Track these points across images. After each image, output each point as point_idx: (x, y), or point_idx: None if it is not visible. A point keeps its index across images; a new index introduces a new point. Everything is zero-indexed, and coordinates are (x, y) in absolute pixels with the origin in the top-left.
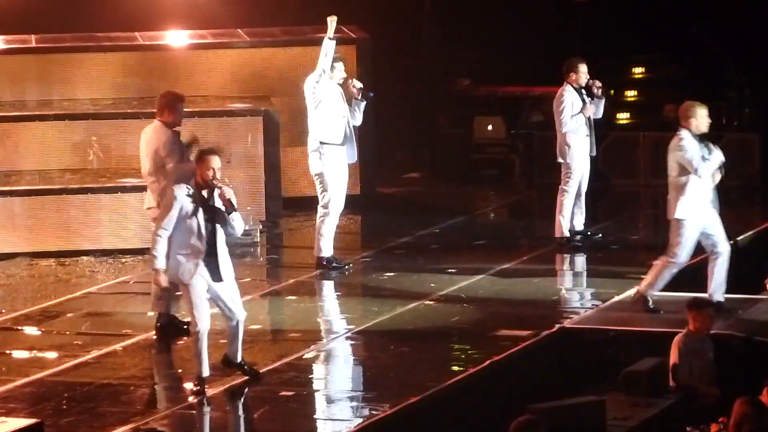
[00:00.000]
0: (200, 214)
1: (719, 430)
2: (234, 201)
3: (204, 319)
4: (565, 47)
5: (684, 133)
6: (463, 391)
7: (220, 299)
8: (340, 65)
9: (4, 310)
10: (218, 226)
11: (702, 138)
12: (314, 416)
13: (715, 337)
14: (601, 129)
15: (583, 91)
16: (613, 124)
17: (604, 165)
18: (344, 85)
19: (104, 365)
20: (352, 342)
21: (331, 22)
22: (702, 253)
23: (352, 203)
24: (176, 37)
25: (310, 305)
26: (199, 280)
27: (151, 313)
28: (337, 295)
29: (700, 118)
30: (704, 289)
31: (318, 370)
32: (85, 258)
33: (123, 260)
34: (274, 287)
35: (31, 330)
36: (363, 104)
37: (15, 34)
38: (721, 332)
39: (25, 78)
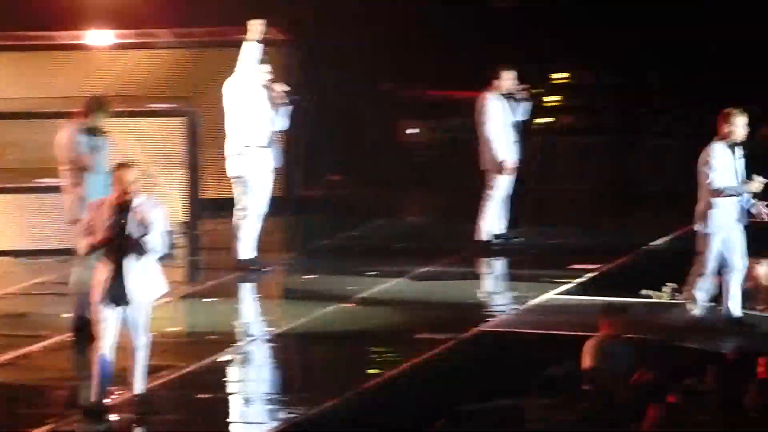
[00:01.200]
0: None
1: None
2: (149, 220)
3: (106, 346)
4: (488, 52)
5: (715, 145)
6: (381, 394)
7: (126, 322)
8: (265, 67)
9: None
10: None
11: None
12: (230, 420)
13: (631, 342)
14: (522, 134)
15: (508, 97)
16: (532, 129)
17: (523, 169)
18: (269, 88)
19: (20, 367)
20: (271, 345)
21: (255, 25)
22: (622, 255)
23: (274, 205)
24: (99, 37)
25: (228, 308)
26: (107, 304)
27: (66, 315)
28: (257, 297)
29: (736, 126)
30: (625, 294)
31: (235, 373)
32: (2, 258)
33: (40, 261)
34: (193, 289)
35: None
36: (288, 109)
37: None
38: (637, 336)
39: None
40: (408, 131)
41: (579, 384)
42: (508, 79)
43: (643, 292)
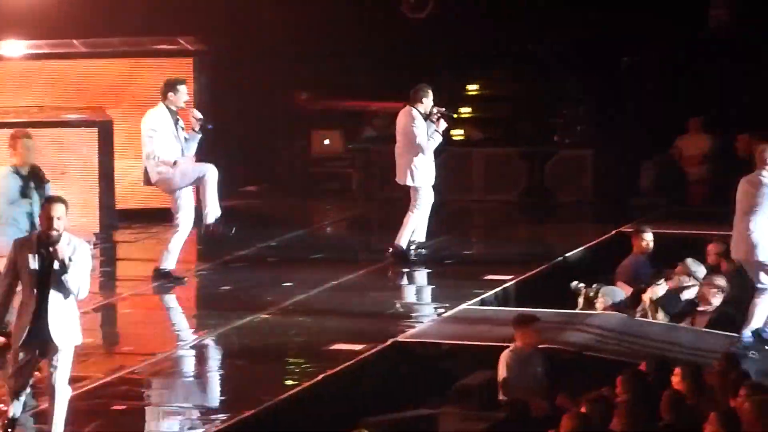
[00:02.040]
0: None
1: None
2: (69, 260)
3: (17, 388)
4: (403, 63)
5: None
6: (297, 405)
7: (47, 367)
8: (183, 88)
9: None
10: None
11: None
12: (146, 431)
13: (545, 351)
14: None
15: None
16: (447, 139)
17: (439, 180)
18: (185, 110)
19: None
20: (187, 356)
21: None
22: (537, 265)
23: None
24: (11, 47)
25: (144, 318)
26: (24, 346)
27: None
28: (172, 308)
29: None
30: (540, 304)
31: (151, 384)
32: None
33: None
34: (108, 300)
35: None
36: (199, 136)
37: None
38: (550, 346)
39: None
40: (323, 142)
41: (493, 394)
42: (430, 99)
43: (573, 284)
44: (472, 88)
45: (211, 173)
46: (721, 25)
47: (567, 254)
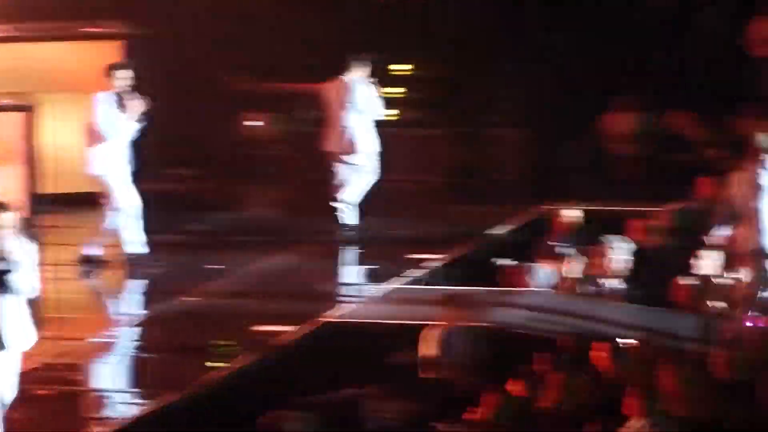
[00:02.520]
0: None
1: (469, 420)
2: (13, 259)
3: None
4: (337, 43)
5: None
6: (226, 387)
7: None
8: (123, 72)
9: None
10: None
11: None
12: (74, 415)
13: (471, 329)
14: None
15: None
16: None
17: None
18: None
19: None
20: (111, 340)
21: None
22: (463, 244)
23: None
24: None
25: (70, 304)
26: None
27: None
28: (98, 292)
29: None
30: (466, 282)
31: (77, 368)
32: None
33: None
34: None
35: None
36: (135, 126)
37: None
38: (476, 324)
39: None
40: (249, 124)
41: (418, 373)
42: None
43: (499, 261)
44: (398, 69)
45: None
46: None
47: (493, 231)
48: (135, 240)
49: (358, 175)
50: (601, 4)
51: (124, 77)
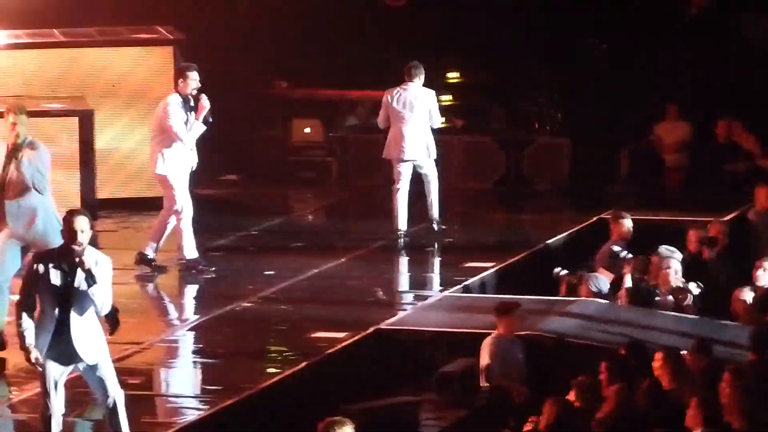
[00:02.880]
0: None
1: (530, 431)
2: (95, 273)
3: (54, 406)
4: (381, 51)
5: None
6: (279, 393)
7: (88, 381)
8: (194, 74)
9: None
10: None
11: None
12: (133, 418)
13: (526, 338)
14: None
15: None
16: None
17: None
18: (195, 97)
19: None
20: (170, 345)
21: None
22: (517, 252)
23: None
24: None
25: (127, 307)
26: (51, 363)
27: None
28: (154, 297)
29: None
30: (515, 292)
31: (137, 372)
32: None
33: None
34: None
35: None
36: (201, 128)
37: None
38: (532, 333)
39: None
40: (303, 130)
41: (474, 381)
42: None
43: (556, 270)
44: (452, 77)
45: (187, 211)
46: (699, 11)
47: (548, 241)
48: (190, 244)
49: (428, 180)
50: (647, 12)
51: (194, 79)
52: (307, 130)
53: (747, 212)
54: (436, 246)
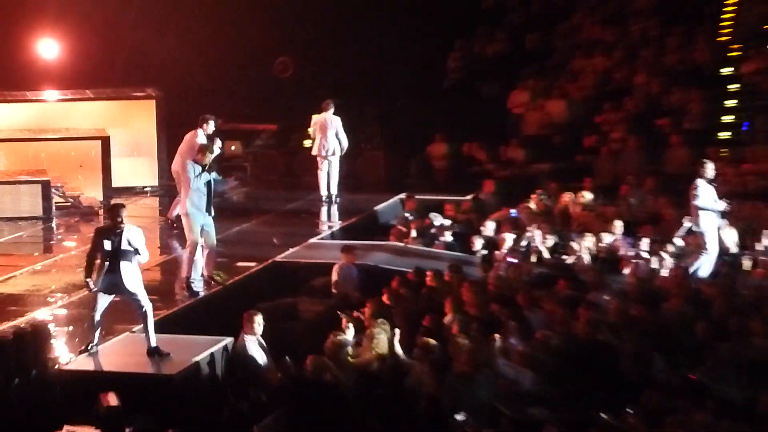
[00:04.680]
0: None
1: (359, 317)
2: (134, 242)
3: (97, 320)
4: (279, 101)
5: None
6: (220, 297)
7: (129, 301)
8: (212, 122)
9: None
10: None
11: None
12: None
13: (359, 266)
14: None
15: None
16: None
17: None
18: (210, 136)
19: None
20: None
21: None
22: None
23: None
24: (49, 94)
25: None
26: (101, 294)
27: None
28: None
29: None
30: (354, 239)
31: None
32: None
33: None
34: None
35: None
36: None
37: None
38: (361, 263)
39: None
40: (231, 147)
41: (328, 290)
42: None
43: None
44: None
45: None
46: (454, 76)
47: (375, 208)
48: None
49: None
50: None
51: (212, 124)
52: (233, 147)
53: (478, 194)
54: (324, 210)
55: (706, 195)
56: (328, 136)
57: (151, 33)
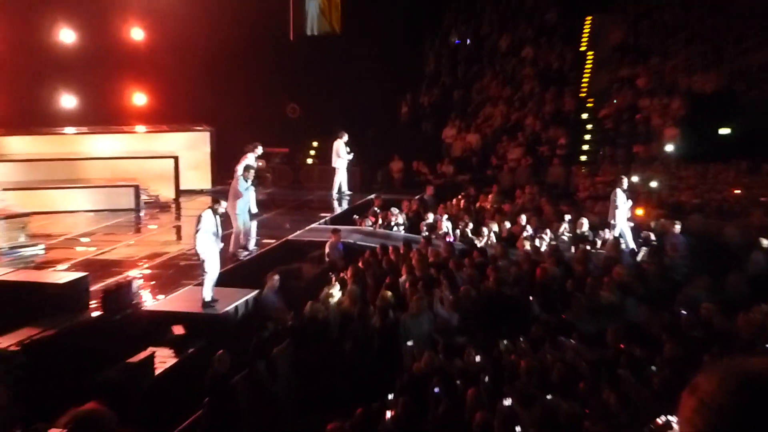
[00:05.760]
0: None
1: (342, 278)
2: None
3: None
4: (286, 133)
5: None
6: (241, 266)
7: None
8: (260, 148)
9: None
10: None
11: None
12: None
13: (344, 243)
14: None
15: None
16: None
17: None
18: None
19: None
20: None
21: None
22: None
23: None
24: (138, 128)
25: None
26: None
27: None
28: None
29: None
30: (342, 224)
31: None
32: None
33: None
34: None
35: None
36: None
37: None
38: (345, 240)
39: None
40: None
41: (323, 259)
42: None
43: (354, 217)
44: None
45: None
46: (405, 117)
47: (355, 204)
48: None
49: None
50: (382, 117)
51: (260, 148)
52: (260, 163)
53: (423, 196)
54: (335, 204)
55: (621, 200)
56: (339, 154)
57: (206, 87)
